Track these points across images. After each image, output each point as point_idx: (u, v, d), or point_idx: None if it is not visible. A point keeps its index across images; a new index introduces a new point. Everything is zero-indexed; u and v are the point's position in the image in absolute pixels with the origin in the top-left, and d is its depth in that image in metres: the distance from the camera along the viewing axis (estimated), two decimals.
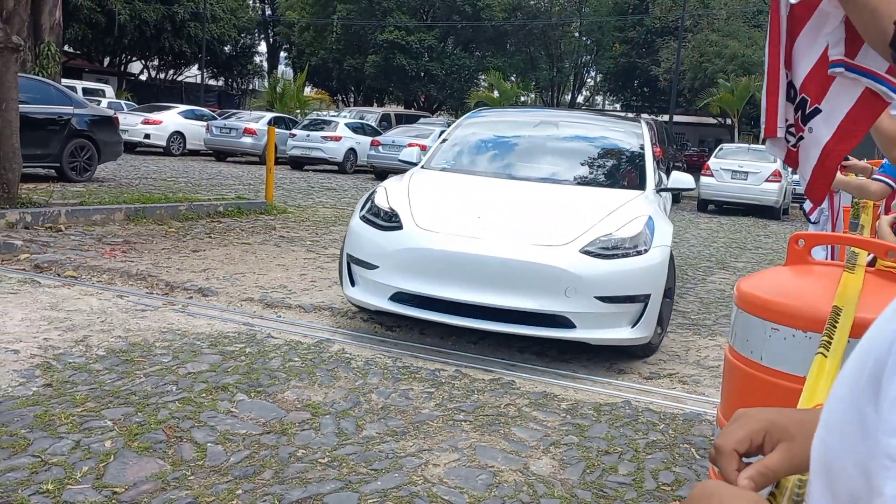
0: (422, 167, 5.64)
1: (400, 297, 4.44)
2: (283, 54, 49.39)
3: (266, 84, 38.34)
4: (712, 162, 17.19)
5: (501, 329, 4.23)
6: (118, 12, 30.40)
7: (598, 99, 51.41)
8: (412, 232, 4.46)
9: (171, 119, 21.28)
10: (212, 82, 43.73)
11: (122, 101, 25.30)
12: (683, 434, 3.56)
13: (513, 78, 39.63)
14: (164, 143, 20.74)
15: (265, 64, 49.50)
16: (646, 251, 4.36)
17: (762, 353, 1.78)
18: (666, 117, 28.83)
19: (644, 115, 28.32)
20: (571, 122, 6.43)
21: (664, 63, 32.22)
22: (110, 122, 12.43)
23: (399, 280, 4.39)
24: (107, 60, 37.83)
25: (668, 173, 6.37)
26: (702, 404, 4.00)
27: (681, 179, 5.56)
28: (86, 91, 24.07)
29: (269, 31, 48.34)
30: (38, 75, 14.51)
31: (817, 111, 1.70)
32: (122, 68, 39.29)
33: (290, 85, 30.90)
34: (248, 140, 20.61)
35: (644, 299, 4.31)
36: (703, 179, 16.77)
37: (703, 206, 17.15)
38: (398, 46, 37.53)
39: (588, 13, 40.54)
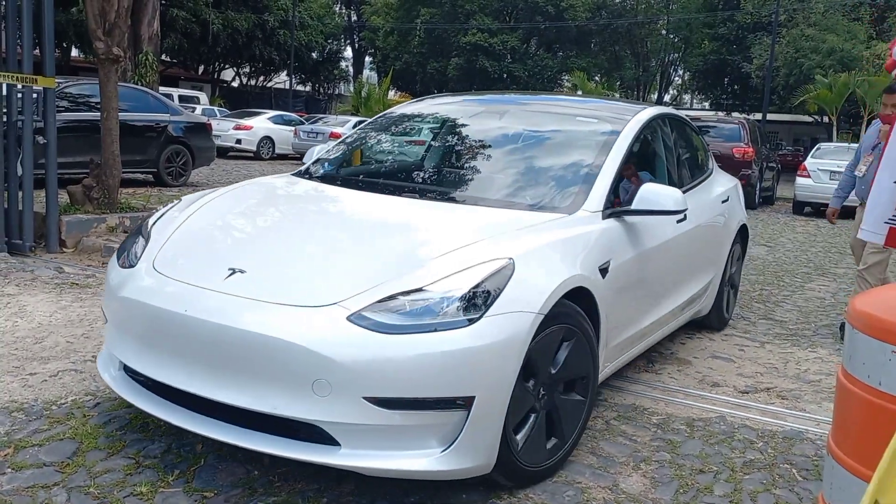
0: (302, 171, 4.21)
1: (130, 370, 2.92)
2: (367, 59, 50.21)
3: (352, 88, 39.06)
4: (809, 162, 16.44)
5: (227, 439, 2.56)
6: (212, 22, 31.52)
7: (686, 98, 50.12)
8: (138, 275, 2.97)
9: (261, 124, 21.91)
10: (300, 88, 44.84)
11: (216, 108, 26.24)
12: (783, 453, 3.37)
13: (597, 78, 39.07)
14: (254, 148, 21.36)
15: (351, 69, 50.45)
16: (475, 320, 2.52)
17: (881, 377, 1.64)
18: (758, 116, 27.80)
19: (735, 114, 27.41)
20: (527, 111, 4.58)
21: (756, 59, 31.10)
22: (204, 129, 12.87)
23: (120, 345, 2.93)
24: (201, 69, 39.30)
25: (760, 176, 5.69)
26: (803, 421, 3.78)
27: (652, 198, 3.50)
28: (181, 98, 25.08)
29: (355, 37, 49.24)
30: (136, 84, 15.18)
31: None
32: (216, 76, 40.72)
33: (374, 89, 31.33)
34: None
35: (464, 404, 2.50)
36: (799, 181, 16.08)
37: (800, 208, 16.43)
38: (481, 48, 37.58)
39: (676, 10, 39.56)
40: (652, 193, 3.51)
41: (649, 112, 4.35)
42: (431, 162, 4.50)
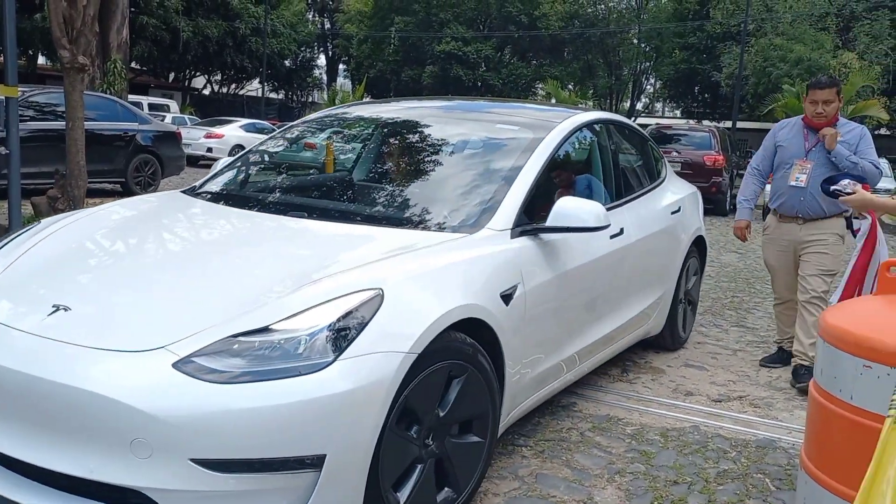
0: (195, 187, 3.80)
1: None
2: (341, 67, 50.06)
3: (325, 97, 38.87)
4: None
5: None
6: (182, 29, 31.22)
7: (658, 106, 50.59)
8: None
9: (233, 132, 21.71)
10: (273, 95, 44.55)
11: (186, 116, 25.95)
12: (756, 463, 3.36)
13: (570, 86, 39.30)
14: (225, 157, 21.13)
15: (324, 77, 50.25)
16: (327, 365, 2.17)
17: (852, 391, 1.62)
18: (728, 124, 28.12)
19: (706, 122, 27.63)
20: (445, 118, 4.05)
21: (726, 68, 31.48)
22: (173, 138, 12.72)
23: None
24: (172, 76, 38.91)
25: (731, 183, 5.16)
26: (775, 430, 3.78)
27: (570, 214, 3.12)
28: (151, 106, 24.76)
29: (329, 45, 49.08)
30: (105, 92, 14.98)
31: None
32: (187, 83, 40.34)
33: (348, 97, 31.23)
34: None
35: (314, 464, 2.17)
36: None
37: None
38: (455, 57, 37.63)
39: (647, 20, 39.96)
40: (569, 209, 3.12)
41: (579, 118, 3.97)
42: (330, 176, 4.18)
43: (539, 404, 3.43)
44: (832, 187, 3.93)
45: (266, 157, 4.22)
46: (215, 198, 3.57)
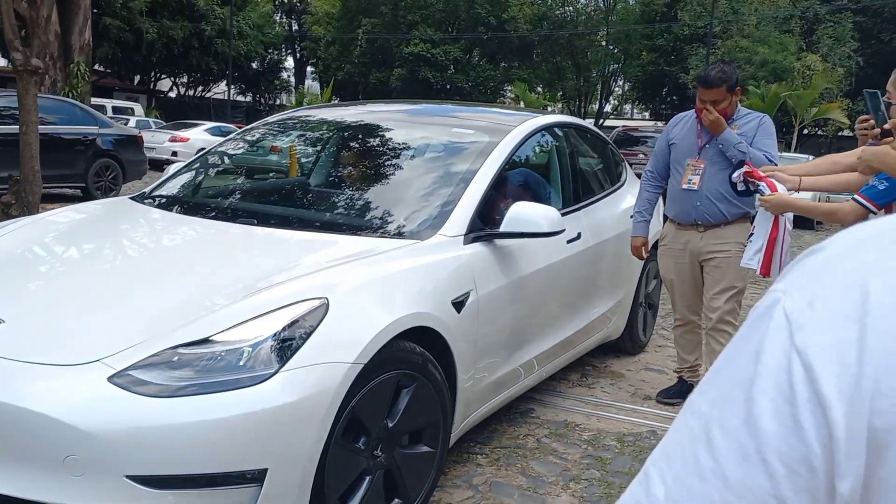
0: (144, 193, 3.70)
1: None
2: (309, 69, 49.78)
3: (293, 99, 38.62)
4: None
5: None
6: (146, 31, 30.82)
7: (627, 108, 50.99)
8: None
9: (198, 136, 21.42)
10: (240, 98, 44.18)
11: (151, 119, 25.59)
12: None
13: (539, 89, 39.45)
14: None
15: (292, 79, 49.94)
16: (269, 377, 2.11)
17: None
18: None
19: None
20: (401, 122, 4.01)
21: (693, 70, 31.82)
22: (135, 142, 12.51)
23: None
24: (137, 78, 38.39)
25: None
26: None
27: (523, 218, 3.05)
28: (115, 109, 24.41)
29: (296, 47, 48.77)
30: (68, 95, 14.70)
31: None
32: (152, 86, 39.84)
33: (316, 99, 31.07)
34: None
35: (255, 478, 2.11)
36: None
37: None
38: (423, 59, 37.58)
39: (615, 21, 40.25)
40: (522, 214, 3.06)
41: (536, 122, 3.91)
42: (285, 181, 4.13)
43: (496, 410, 3.40)
44: (732, 180, 3.65)
45: (222, 162, 4.14)
46: (164, 204, 3.49)
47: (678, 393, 4.16)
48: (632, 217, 4.25)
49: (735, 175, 3.59)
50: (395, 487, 2.55)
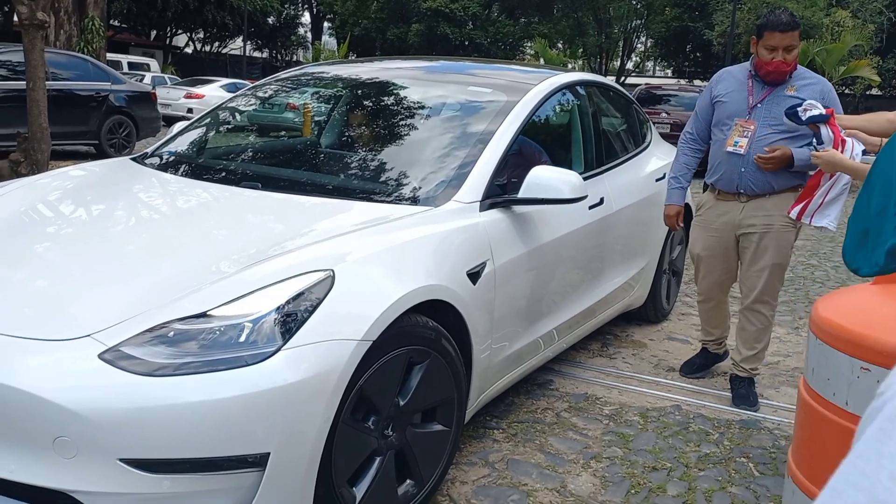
0: (147, 154, 3.51)
1: None
2: (326, 24, 49.10)
3: (310, 55, 38.15)
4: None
5: None
6: None
7: (649, 65, 50.01)
8: None
9: (213, 93, 21.18)
10: (256, 54, 43.74)
11: (167, 76, 25.38)
12: (740, 445, 3.20)
13: (559, 45, 38.69)
14: None
15: (309, 35, 49.30)
16: (270, 355, 1.96)
17: (848, 397, 1.42)
18: None
19: (697, 82, 27.18)
20: (415, 80, 3.79)
21: (718, 26, 31.02)
22: (148, 98, 12.36)
23: None
24: (153, 34, 38.03)
25: None
26: (761, 408, 3.62)
27: (543, 184, 2.86)
28: (131, 65, 24.21)
29: (313, 1, 48.06)
30: (83, 51, 14.50)
31: None
32: (168, 42, 39.49)
33: (333, 55, 30.64)
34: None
35: (257, 463, 1.97)
36: None
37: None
38: (442, 14, 36.90)
39: None
40: (542, 178, 2.85)
41: (557, 80, 3.66)
42: (294, 142, 3.92)
43: (515, 383, 3.25)
44: (796, 108, 3.19)
45: (230, 119, 3.94)
46: (164, 166, 3.30)
47: (701, 366, 3.99)
48: (658, 181, 4.00)
49: (807, 103, 3.15)
50: (407, 468, 2.41)
